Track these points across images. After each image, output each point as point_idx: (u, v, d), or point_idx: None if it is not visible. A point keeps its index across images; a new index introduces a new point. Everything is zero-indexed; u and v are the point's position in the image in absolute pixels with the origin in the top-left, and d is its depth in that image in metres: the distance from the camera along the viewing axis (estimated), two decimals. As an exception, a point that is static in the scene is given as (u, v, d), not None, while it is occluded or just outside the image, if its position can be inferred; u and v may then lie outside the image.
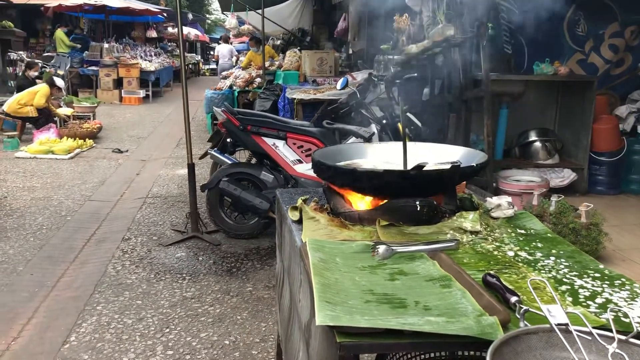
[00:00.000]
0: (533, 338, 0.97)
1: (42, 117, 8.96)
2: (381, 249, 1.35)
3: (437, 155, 1.84)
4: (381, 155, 1.95)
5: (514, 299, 1.11)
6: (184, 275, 3.89)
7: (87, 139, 8.58)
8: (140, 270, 3.97)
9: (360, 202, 1.66)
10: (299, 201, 1.73)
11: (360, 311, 1.08)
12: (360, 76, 6.76)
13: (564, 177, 5.36)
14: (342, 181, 1.63)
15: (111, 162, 7.57)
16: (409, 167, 1.58)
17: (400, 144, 1.91)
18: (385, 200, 1.60)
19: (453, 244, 1.41)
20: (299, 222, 1.66)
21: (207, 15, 34.61)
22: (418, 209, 1.56)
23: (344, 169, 1.62)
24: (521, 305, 1.08)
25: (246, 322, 3.25)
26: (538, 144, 5.69)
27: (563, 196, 3.95)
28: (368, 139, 3.95)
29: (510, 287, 1.19)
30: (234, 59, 15.90)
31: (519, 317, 1.06)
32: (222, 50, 16.60)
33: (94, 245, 4.47)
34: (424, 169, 1.52)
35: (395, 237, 1.51)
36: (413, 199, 1.57)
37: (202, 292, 3.63)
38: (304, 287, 1.42)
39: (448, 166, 1.57)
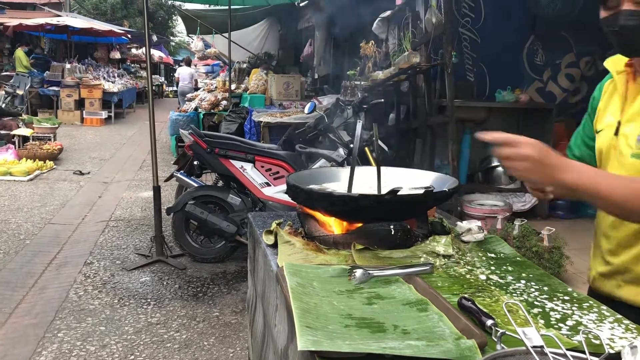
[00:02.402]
0: (510, 360, 0.99)
1: None
2: (358, 273, 1.35)
3: (408, 180, 1.87)
4: (354, 180, 1.97)
5: (489, 322, 1.13)
6: (149, 300, 3.81)
7: (47, 161, 8.39)
8: (103, 295, 3.87)
9: (335, 226, 1.67)
10: (273, 225, 1.72)
11: (340, 336, 1.08)
12: (326, 100, 6.83)
13: (526, 201, 5.49)
14: (318, 205, 1.64)
15: (72, 184, 7.40)
16: (383, 191, 1.60)
17: (371, 168, 1.95)
18: (360, 225, 1.62)
19: (428, 267, 1.43)
20: (274, 246, 1.66)
21: (172, 38, 34.53)
22: (392, 233, 1.58)
23: (319, 193, 1.63)
24: (497, 329, 1.10)
25: (213, 348, 3.20)
26: (500, 169, 5.82)
27: (526, 220, 4.05)
28: (341, 163, 3.97)
29: (485, 310, 1.21)
30: (194, 82, 15.83)
31: (495, 340, 1.07)
32: (182, 73, 16.41)
33: (55, 270, 4.35)
34: (399, 193, 1.54)
35: (371, 261, 1.52)
36: (387, 223, 1.58)
37: (168, 317, 3.56)
38: (280, 312, 1.42)
39: (421, 191, 1.60)
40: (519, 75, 6.36)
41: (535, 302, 1.35)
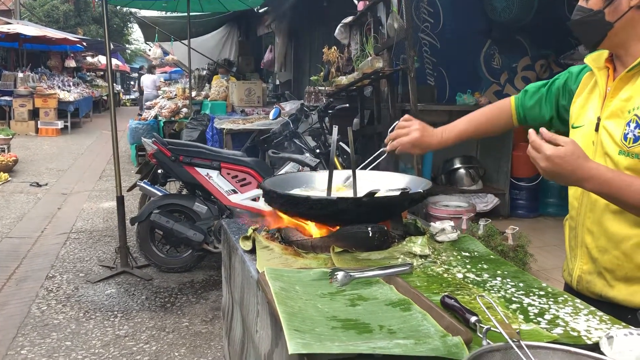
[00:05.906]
0: (496, 355, 1.01)
1: None
2: (339, 275, 1.36)
3: (382, 183, 1.89)
4: (322, 183, 1.97)
5: (473, 318, 1.15)
6: (116, 312, 3.73)
7: (1, 173, 8.12)
8: (67, 309, 3.76)
9: (312, 230, 1.67)
10: (250, 231, 1.72)
11: (329, 338, 1.08)
12: (288, 106, 6.83)
13: (488, 202, 5.61)
14: (295, 209, 1.64)
15: (29, 196, 7.18)
16: (360, 194, 1.61)
17: (340, 172, 1.97)
18: (337, 228, 1.62)
19: (407, 268, 1.45)
20: (251, 252, 1.65)
21: (127, 45, 33.94)
22: (370, 235, 1.59)
23: (296, 197, 1.63)
24: (482, 325, 1.12)
25: (185, 359, 3.15)
26: (462, 171, 5.94)
27: (490, 220, 4.14)
28: (314, 168, 3.98)
29: (467, 307, 1.23)
30: (157, 88, 15.60)
31: (480, 336, 1.09)
32: (145, 81, 16.23)
33: (15, 285, 4.21)
34: (376, 195, 1.56)
35: (350, 263, 1.53)
36: (365, 225, 1.60)
37: (136, 329, 3.49)
38: (262, 317, 1.41)
39: (397, 193, 1.62)
40: (477, 79, 6.51)
41: (513, 298, 1.38)
